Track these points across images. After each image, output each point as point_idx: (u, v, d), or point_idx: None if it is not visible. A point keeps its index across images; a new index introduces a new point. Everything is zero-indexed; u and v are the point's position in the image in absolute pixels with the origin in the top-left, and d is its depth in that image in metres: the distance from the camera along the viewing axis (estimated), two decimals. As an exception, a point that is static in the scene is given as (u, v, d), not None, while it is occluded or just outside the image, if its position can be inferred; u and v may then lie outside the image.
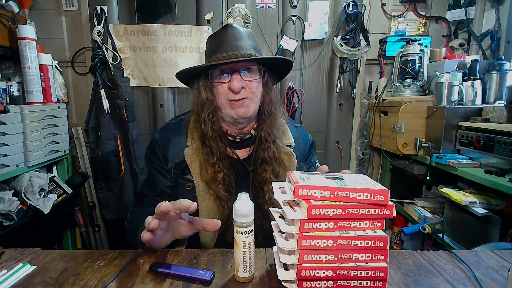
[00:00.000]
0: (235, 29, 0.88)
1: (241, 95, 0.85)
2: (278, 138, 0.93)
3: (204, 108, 0.88)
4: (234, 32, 0.87)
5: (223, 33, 0.88)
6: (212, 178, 0.87)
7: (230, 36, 0.86)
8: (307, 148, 1.03)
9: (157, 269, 0.60)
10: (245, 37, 0.88)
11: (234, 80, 0.83)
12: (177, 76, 0.94)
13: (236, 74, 0.84)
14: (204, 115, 0.87)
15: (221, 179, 0.87)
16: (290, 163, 0.94)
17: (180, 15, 1.88)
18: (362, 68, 1.95)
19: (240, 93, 0.84)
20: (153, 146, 0.96)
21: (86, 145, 1.96)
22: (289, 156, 0.94)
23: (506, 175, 1.12)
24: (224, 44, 0.86)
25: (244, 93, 0.85)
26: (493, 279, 0.60)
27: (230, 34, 0.87)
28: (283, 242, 0.54)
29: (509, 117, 1.23)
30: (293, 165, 0.94)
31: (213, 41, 0.89)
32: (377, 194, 0.50)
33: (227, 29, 0.88)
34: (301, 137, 1.02)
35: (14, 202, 1.38)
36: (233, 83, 0.83)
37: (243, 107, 0.86)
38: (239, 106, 0.85)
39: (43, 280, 0.58)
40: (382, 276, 0.51)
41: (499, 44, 1.68)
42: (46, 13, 1.85)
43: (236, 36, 0.87)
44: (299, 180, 0.53)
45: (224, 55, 0.84)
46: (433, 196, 1.62)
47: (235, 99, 0.85)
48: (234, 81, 0.83)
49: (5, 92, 1.57)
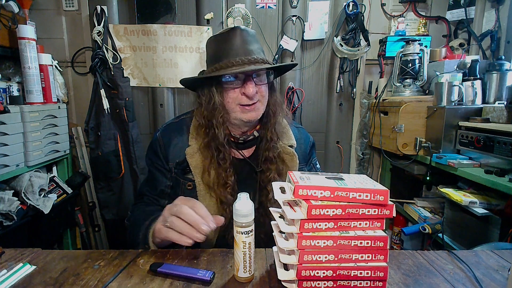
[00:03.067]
0: (244, 32, 0.86)
1: (254, 100, 0.85)
2: (281, 138, 0.93)
3: (217, 112, 0.86)
4: (244, 35, 0.85)
5: (232, 36, 0.85)
6: (217, 182, 0.87)
7: (239, 39, 0.85)
8: (308, 149, 1.03)
9: (157, 269, 0.60)
10: (254, 41, 0.87)
11: (248, 86, 0.82)
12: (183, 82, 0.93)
13: (249, 80, 0.83)
14: (217, 120, 0.86)
15: (231, 183, 0.87)
16: (292, 163, 0.94)
17: (180, 15, 1.88)
18: (362, 68, 1.95)
19: (254, 98, 0.84)
20: (154, 146, 0.96)
21: (86, 145, 1.96)
22: (291, 156, 0.94)
23: (506, 175, 1.12)
24: (234, 48, 0.84)
25: (256, 98, 0.85)
26: (493, 279, 0.60)
27: (239, 37, 0.85)
28: (283, 242, 0.54)
29: (509, 117, 1.23)
30: (295, 165, 0.94)
31: (220, 44, 0.87)
32: (377, 194, 0.50)
33: (236, 32, 0.85)
34: (302, 138, 1.03)
35: (14, 202, 1.38)
36: (248, 89, 0.82)
37: (254, 111, 0.86)
38: (251, 111, 0.85)
39: (43, 280, 0.58)
40: (382, 276, 0.51)
41: (499, 44, 1.68)
42: (46, 13, 1.85)
43: (246, 40, 0.85)
44: (299, 180, 0.53)
45: (238, 60, 0.82)
46: (433, 196, 1.62)
47: (248, 104, 0.84)
48: (249, 87, 0.82)
49: (5, 92, 1.57)
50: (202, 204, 0.71)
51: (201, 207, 0.69)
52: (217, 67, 0.85)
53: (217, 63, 0.85)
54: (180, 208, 0.67)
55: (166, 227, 0.68)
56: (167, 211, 0.70)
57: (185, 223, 0.66)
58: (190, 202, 0.70)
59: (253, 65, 0.82)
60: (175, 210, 0.68)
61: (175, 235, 0.66)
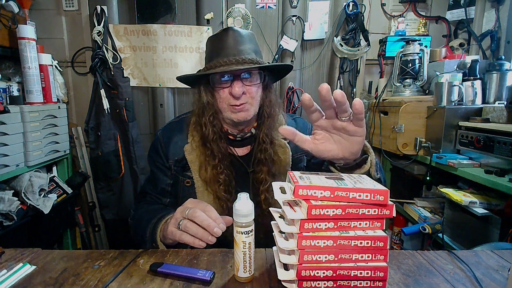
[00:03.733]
0: (236, 32, 0.87)
1: (242, 101, 0.85)
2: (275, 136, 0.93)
3: (205, 111, 0.88)
4: (235, 36, 0.86)
5: (224, 36, 0.86)
6: (212, 179, 0.88)
7: (231, 39, 0.86)
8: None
9: (157, 269, 0.60)
10: (247, 41, 0.88)
11: (235, 86, 0.83)
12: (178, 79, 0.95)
13: (237, 80, 0.84)
14: (205, 118, 0.88)
15: (222, 180, 0.88)
16: (285, 155, 0.94)
17: (180, 15, 1.88)
18: (362, 68, 1.95)
19: (240, 98, 0.84)
20: (155, 144, 0.98)
21: (86, 145, 1.96)
22: (283, 149, 0.94)
23: (506, 175, 1.12)
24: (225, 48, 0.85)
25: (244, 99, 0.85)
26: (493, 279, 0.60)
27: (231, 37, 0.86)
28: (283, 242, 0.54)
29: (509, 117, 1.23)
30: (287, 157, 0.94)
31: (214, 44, 0.88)
32: (377, 194, 0.50)
33: (228, 32, 0.86)
34: (299, 127, 1.01)
35: (14, 202, 1.38)
36: (234, 89, 0.83)
37: (243, 112, 0.86)
38: (239, 111, 0.86)
39: (43, 280, 0.58)
40: (382, 276, 0.51)
41: (499, 44, 1.68)
42: (46, 13, 1.85)
43: (237, 40, 0.86)
44: (299, 180, 0.53)
45: (226, 60, 0.83)
46: (433, 196, 1.62)
47: (236, 105, 0.85)
48: (235, 87, 0.83)
49: (5, 92, 1.57)
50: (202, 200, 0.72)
51: (212, 210, 0.70)
52: (207, 67, 0.87)
53: (208, 63, 0.88)
54: (193, 211, 0.68)
55: (180, 231, 0.69)
56: (179, 214, 0.71)
57: (199, 227, 0.67)
58: (201, 205, 0.71)
59: (240, 65, 0.83)
60: (187, 213, 0.69)
61: (190, 238, 0.67)
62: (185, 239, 0.68)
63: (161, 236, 0.76)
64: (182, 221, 0.69)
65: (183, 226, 0.68)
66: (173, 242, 0.73)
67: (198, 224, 0.67)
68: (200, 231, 0.66)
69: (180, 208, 0.72)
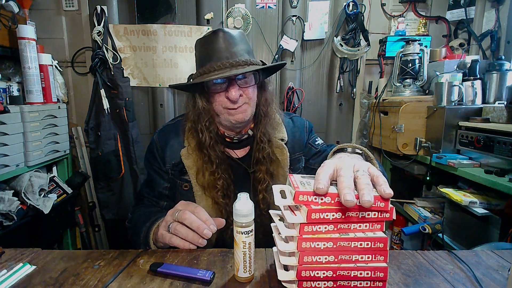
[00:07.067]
0: (227, 34, 0.84)
1: (239, 103, 0.83)
2: (273, 135, 0.93)
3: (201, 117, 0.86)
4: (227, 37, 0.83)
5: (215, 39, 0.83)
6: (210, 184, 0.88)
7: (222, 41, 0.82)
8: (304, 135, 1.01)
9: (157, 269, 0.60)
10: (238, 42, 0.85)
11: (231, 90, 0.81)
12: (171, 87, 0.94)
13: (232, 83, 0.82)
14: (201, 125, 0.86)
15: (220, 186, 0.87)
16: (282, 156, 0.93)
17: (180, 15, 1.88)
18: (362, 68, 1.95)
19: (237, 101, 0.83)
20: (151, 148, 0.97)
21: (86, 145, 1.96)
22: (281, 150, 0.94)
23: (506, 175, 1.12)
24: (217, 51, 0.82)
25: (241, 101, 0.84)
26: (493, 279, 0.60)
27: (222, 39, 0.82)
28: (283, 244, 0.54)
29: (509, 117, 1.23)
30: (285, 158, 0.93)
31: (204, 47, 0.85)
32: (377, 201, 0.50)
33: (219, 34, 0.83)
34: (296, 126, 1.01)
35: (14, 202, 1.38)
36: (231, 94, 0.81)
37: (241, 113, 0.85)
38: (237, 113, 0.85)
39: (43, 280, 0.58)
40: (382, 277, 0.51)
41: (499, 44, 1.67)
42: (46, 13, 1.85)
43: (229, 42, 0.83)
44: (300, 185, 0.53)
45: (219, 64, 0.81)
46: (433, 196, 1.62)
47: (233, 108, 0.84)
48: (231, 92, 0.81)
49: (5, 92, 1.57)
50: (200, 205, 0.71)
51: (202, 211, 0.69)
52: (201, 72, 0.85)
53: (201, 67, 0.85)
54: (182, 213, 0.68)
55: (170, 233, 0.68)
56: (170, 216, 0.71)
57: (188, 229, 0.67)
58: (191, 207, 0.70)
59: (235, 69, 0.81)
60: (177, 215, 0.68)
61: (179, 241, 0.67)
62: (175, 242, 0.67)
63: (154, 240, 0.76)
64: (172, 223, 0.68)
65: (172, 229, 0.68)
66: (164, 245, 0.73)
67: (188, 226, 0.66)
68: (190, 234, 0.66)
69: (171, 210, 0.72)
